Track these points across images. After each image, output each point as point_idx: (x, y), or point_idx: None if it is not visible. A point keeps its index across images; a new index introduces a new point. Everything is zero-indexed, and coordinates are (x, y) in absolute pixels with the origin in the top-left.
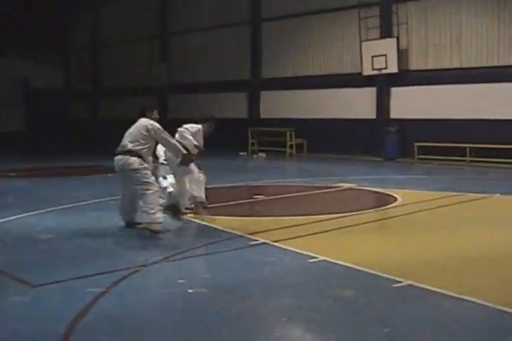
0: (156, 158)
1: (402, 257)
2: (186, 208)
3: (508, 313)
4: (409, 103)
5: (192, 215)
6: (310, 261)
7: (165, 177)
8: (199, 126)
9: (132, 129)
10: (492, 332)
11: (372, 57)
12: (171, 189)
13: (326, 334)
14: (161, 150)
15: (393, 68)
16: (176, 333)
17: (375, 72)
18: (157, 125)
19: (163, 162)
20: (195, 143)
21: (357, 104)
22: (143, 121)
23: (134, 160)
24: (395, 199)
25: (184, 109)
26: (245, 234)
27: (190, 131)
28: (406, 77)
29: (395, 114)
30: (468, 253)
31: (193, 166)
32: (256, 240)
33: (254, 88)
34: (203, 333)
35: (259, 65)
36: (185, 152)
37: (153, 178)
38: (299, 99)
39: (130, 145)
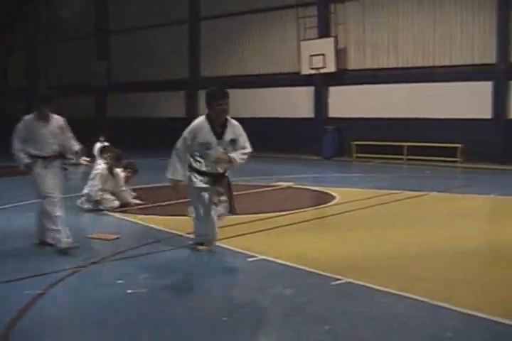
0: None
1: (341, 255)
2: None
3: (446, 309)
4: (347, 102)
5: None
6: (249, 260)
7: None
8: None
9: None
10: (430, 328)
11: (311, 56)
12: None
13: (267, 332)
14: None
15: (331, 67)
16: (116, 334)
17: (314, 72)
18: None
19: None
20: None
21: (295, 103)
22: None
23: None
24: (333, 197)
25: (123, 108)
26: (184, 234)
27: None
28: (344, 76)
29: (333, 113)
30: (405, 250)
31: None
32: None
33: (193, 87)
34: (143, 333)
35: (197, 63)
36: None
37: None
38: (238, 98)
39: None
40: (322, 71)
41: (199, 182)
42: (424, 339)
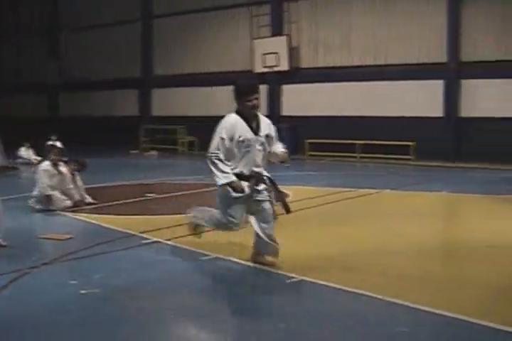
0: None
1: (295, 253)
2: None
3: (400, 305)
4: (300, 100)
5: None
6: (203, 258)
7: None
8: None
9: None
10: (386, 325)
11: (264, 54)
12: None
13: (220, 332)
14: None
15: (284, 66)
16: (69, 334)
17: (267, 70)
18: None
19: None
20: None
21: None
22: None
23: None
24: (287, 195)
25: (77, 107)
26: (137, 233)
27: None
28: (297, 74)
29: (286, 111)
30: (359, 247)
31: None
32: (148, 239)
33: (146, 85)
34: (97, 334)
35: (150, 62)
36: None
37: None
38: (191, 96)
39: None
40: (275, 69)
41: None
42: (380, 336)
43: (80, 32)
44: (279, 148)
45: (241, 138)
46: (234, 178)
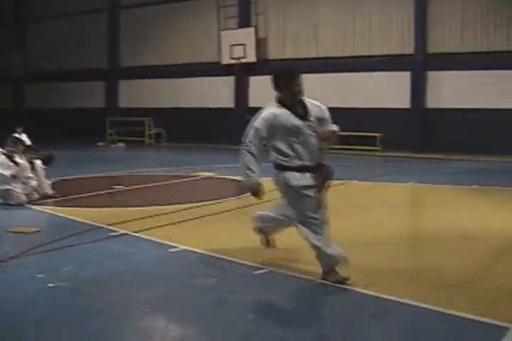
0: None
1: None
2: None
3: (369, 295)
4: (268, 92)
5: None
6: (171, 250)
7: None
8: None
9: None
10: (354, 315)
11: (231, 46)
12: None
13: (190, 323)
14: None
15: (252, 57)
16: (37, 328)
17: (234, 61)
18: None
19: None
20: None
21: (216, 93)
22: None
23: None
24: None
25: (42, 98)
26: (105, 226)
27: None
28: (264, 66)
29: (253, 102)
30: None
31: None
32: (116, 231)
33: (113, 77)
34: (66, 327)
35: (117, 53)
36: None
37: None
38: (158, 88)
39: None
40: (242, 61)
41: (300, 180)
42: (350, 325)
43: (46, 22)
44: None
45: (289, 127)
46: (254, 179)
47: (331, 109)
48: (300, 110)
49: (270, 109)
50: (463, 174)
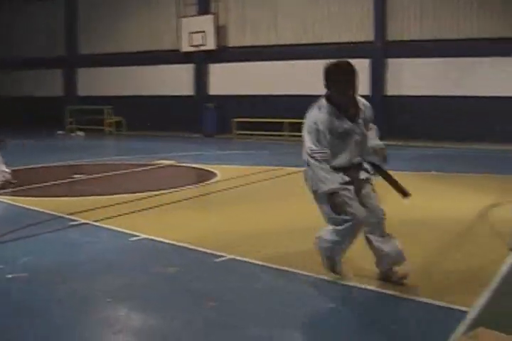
0: None
1: (223, 232)
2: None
3: (325, 281)
4: (228, 79)
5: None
6: (131, 239)
7: None
8: None
9: None
10: (312, 300)
11: (191, 33)
12: None
13: (152, 311)
14: None
15: (211, 45)
16: None
17: (194, 49)
18: None
19: None
20: None
21: (176, 81)
22: None
23: None
24: (215, 174)
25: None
26: (65, 215)
27: None
28: (224, 53)
29: (213, 90)
30: (288, 225)
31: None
32: (76, 220)
33: (71, 65)
34: (25, 318)
35: (75, 40)
36: None
37: None
38: (118, 76)
39: None
40: (202, 48)
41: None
42: (309, 311)
43: (1, 8)
44: (375, 140)
45: (339, 130)
46: (339, 186)
47: (291, 97)
48: (351, 110)
49: (323, 110)
50: (422, 160)
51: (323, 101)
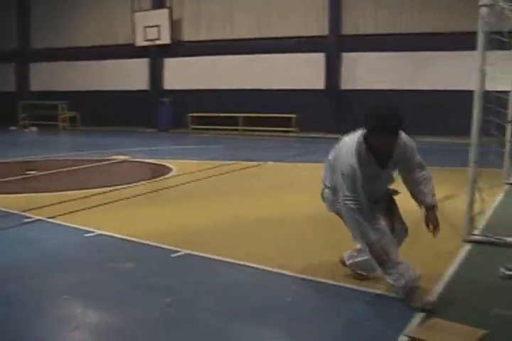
0: None
1: (179, 227)
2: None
3: (283, 275)
4: (183, 74)
5: None
6: (86, 235)
7: None
8: None
9: None
10: (270, 295)
11: (145, 27)
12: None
13: (109, 308)
14: None
15: (166, 39)
16: None
17: (148, 43)
18: None
19: None
20: None
21: (130, 76)
22: None
23: None
24: (170, 169)
25: None
26: (19, 212)
27: None
28: (179, 48)
29: (168, 85)
30: (243, 219)
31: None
32: (30, 217)
33: (23, 59)
34: None
35: (28, 34)
36: None
37: None
38: (72, 70)
39: None
40: (157, 42)
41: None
42: (266, 305)
43: None
44: (429, 196)
45: (368, 175)
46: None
47: (246, 92)
48: (385, 157)
49: (359, 154)
50: None
51: (361, 145)
